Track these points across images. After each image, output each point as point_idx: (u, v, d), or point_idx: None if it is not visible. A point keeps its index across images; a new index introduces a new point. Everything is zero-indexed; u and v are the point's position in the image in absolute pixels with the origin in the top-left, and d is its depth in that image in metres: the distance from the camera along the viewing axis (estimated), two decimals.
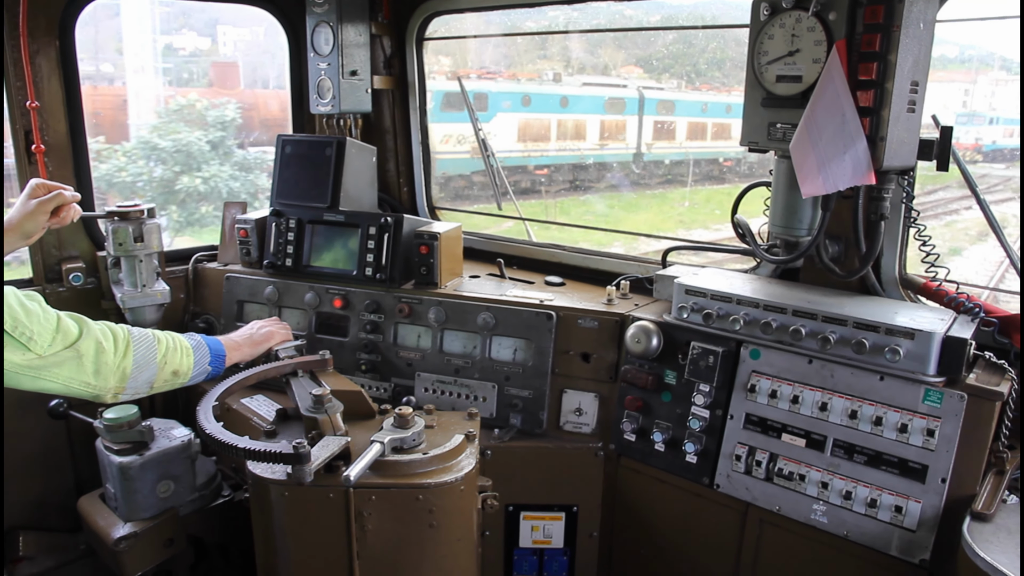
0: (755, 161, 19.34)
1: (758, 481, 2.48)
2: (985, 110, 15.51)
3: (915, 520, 2.18)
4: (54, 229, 2.76)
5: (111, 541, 2.63)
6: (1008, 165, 14.03)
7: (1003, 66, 15.49)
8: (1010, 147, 15.47)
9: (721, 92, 20.04)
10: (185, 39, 15.42)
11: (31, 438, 3.25)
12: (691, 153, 19.94)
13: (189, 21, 15.43)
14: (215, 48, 16.29)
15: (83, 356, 2.14)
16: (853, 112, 2.11)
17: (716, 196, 18.96)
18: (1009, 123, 15.75)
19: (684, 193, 18.91)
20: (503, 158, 14.13)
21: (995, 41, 13.94)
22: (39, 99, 3.08)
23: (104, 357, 2.19)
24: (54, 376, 2.09)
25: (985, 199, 2.46)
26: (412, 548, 2.25)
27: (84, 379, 2.16)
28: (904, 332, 2.21)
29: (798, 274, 2.79)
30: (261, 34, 15.41)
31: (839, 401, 2.34)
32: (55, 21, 3.09)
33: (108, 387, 2.24)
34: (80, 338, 2.14)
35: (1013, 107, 15.70)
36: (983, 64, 15.45)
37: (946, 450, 2.16)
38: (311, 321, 3.24)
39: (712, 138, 20.31)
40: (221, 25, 15.68)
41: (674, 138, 19.70)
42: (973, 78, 15.38)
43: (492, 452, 2.81)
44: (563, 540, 2.97)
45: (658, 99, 19.29)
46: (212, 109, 12.42)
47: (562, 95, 17.02)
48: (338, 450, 2.16)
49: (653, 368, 2.73)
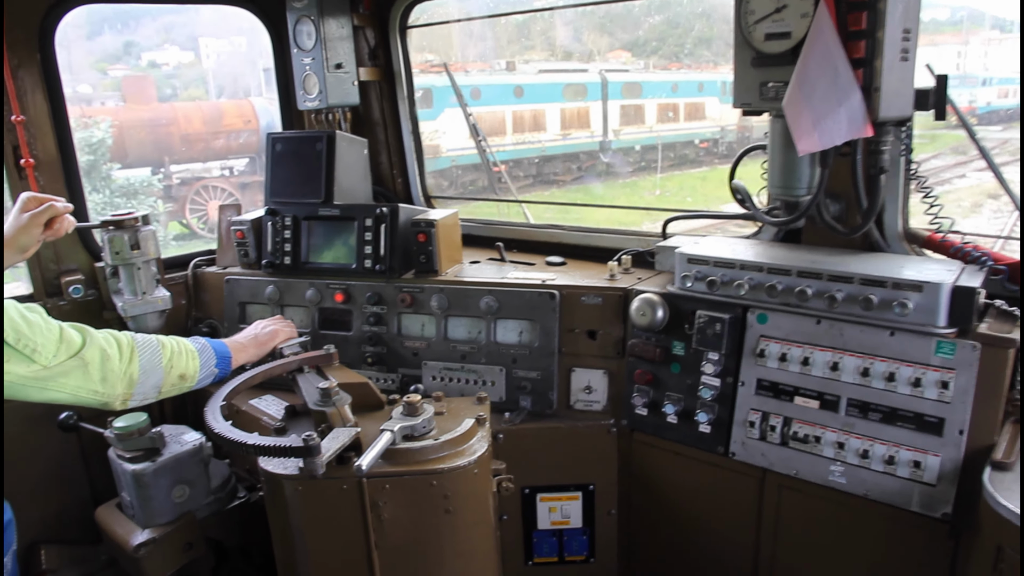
0: (734, 140, 18.73)
1: (773, 446, 2.46)
2: (979, 71, 15.12)
3: (935, 474, 2.16)
4: (50, 242, 2.75)
5: (130, 548, 2.64)
6: (1005, 126, 13.70)
7: (995, 24, 15.20)
8: (1006, 107, 15.00)
9: (693, 70, 19.14)
10: (167, 54, 15.35)
11: (44, 453, 3.25)
12: (663, 137, 18.94)
13: (171, 36, 15.37)
14: (197, 61, 16.24)
15: (89, 364, 2.15)
16: (846, 64, 2.07)
17: (689, 181, 17.93)
18: (1004, 83, 15.33)
19: (656, 180, 17.96)
20: (456, 156, 13.36)
21: None
22: (24, 113, 3.06)
23: (110, 364, 2.20)
24: (61, 386, 2.10)
25: (985, 146, 2.42)
26: (430, 535, 2.24)
27: (92, 387, 2.17)
28: (911, 285, 2.18)
29: (800, 236, 2.76)
30: (243, 44, 15.33)
31: (850, 360, 2.31)
32: (34, 34, 3.07)
33: (116, 393, 2.24)
34: (84, 347, 2.14)
35: (1006, 66, 15.38)
36: (974, 24, 15.14)
37: (962, 401, 2.13)
38: (314, 318, 3.23)
39: (685, 119, 19.36)
40: (203, 38, 15.61)
41: (644, 122, 18.66)
42: (965, 39, 15.02)
43: (504, 436, 2.80)
44: (581, 520, 2.96)
45: (623, 82, 18.23)
46: (82, 130, 11.77)
47: (516, 85, 16.12)
48: (348, 441, 2.15)
49: (660, 340, 2.71)
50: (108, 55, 14.50)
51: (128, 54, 15.13)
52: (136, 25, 15.14)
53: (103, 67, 13.86)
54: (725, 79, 19.08)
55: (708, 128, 19.64)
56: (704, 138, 19.68)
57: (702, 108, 19.51)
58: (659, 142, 18.61)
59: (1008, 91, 15.65)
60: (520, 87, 16.38)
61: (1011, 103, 15.34)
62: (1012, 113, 14.62)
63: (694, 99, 19.33)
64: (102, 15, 13.92)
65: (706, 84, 19.36)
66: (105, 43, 14.42)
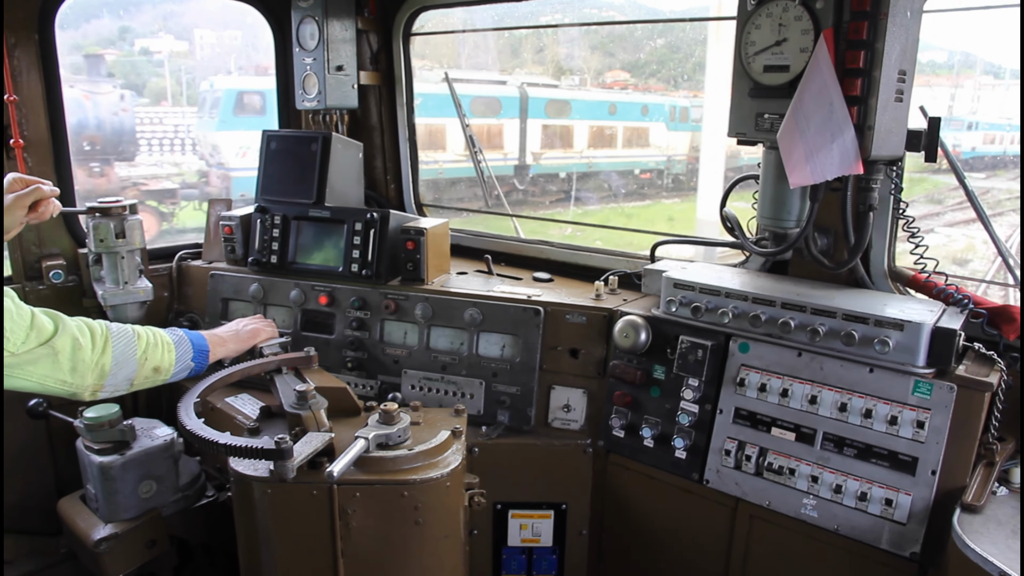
0: (683, 172, 17.12)
1: (748, 476, 2.46)
2: (965, 114, 14.64)
3: (905, 513, 2.16)
4: (33, 225, 2.71)
5: (91, 543, 2.58)
6: (988, 174, 13.53)
7: (987, 70, 15.23)
8: (991, 154, 14.61)
9: (638, 90, 17.12)
10: (161, 42, 15.15)
11: (10, 439, 3.18)
12: (596, 164, 16.83)
13: (167, 24, 15.22)
14: (191, 51, 16.08)
15: (59, 353, 2.09)
16: (841, 101, 2.09)
17: (614, 217, 15.56)
18: (992, 128, 14.85)
19: (577, 214, 15.53)
20: None
21: (978, 42, 13.79)
22: (18, 93, 3.03)
23: (81, 354, 2.15)
24: (28, 374, 2.05)
25: (973, 190, 2.45)
26: (397, 546, 2.21)
27: (60, 377, 2.12)
28: (893, 323, 2.20)
29: (787, 267, 2.78)
30: (239, 38, 15.20)
31: (829, 394, 2.32)
32: (34, 14, 3.05)
33: (86, 385, 2.19)
34: (55, 335, 2.09)
35: (996, 111, 15.31)
36: (966, 68, 15.12)
37: (936, 442, 2.14)
38: (296, 319, 3.20)
39: (625, 145, 17.15)
40: (198, 29, 15.44)
41: (572, 146, 16.36)
42: (956, 82, 14.68)
43: (479, 450, 2.78)
44: (552, 538, 2.94)
45: (547, 99, 15.87)
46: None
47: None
48: (321, 446, 2.13)
49: (642, 363, 2.70)
50: (102, 39, 14.34)
51: (122, 39, 14.98)
52: (136, 11, 15.02)
53: (94, 50, 13.70)
54: (675, 103, 17.38)
55: (652, 157, 17.76)
56: (646, 168, 17.68)
57: (645, 134, 17.53)
58: (589, 169, 16.60)
59: (995, 137, 15.19)
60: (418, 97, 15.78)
61: (997, 149, 14.99)
62: (997, 160, 14.46)
63: (636, 123, 17.29)
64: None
65: (651, 107, 17.58)
66: (102, 27, 14.27)
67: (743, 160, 18.17)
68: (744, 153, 18.92)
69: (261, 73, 13.66)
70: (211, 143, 13.87)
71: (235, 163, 13.00)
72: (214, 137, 13.67)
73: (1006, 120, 15.08)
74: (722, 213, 2.83)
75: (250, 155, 10.76)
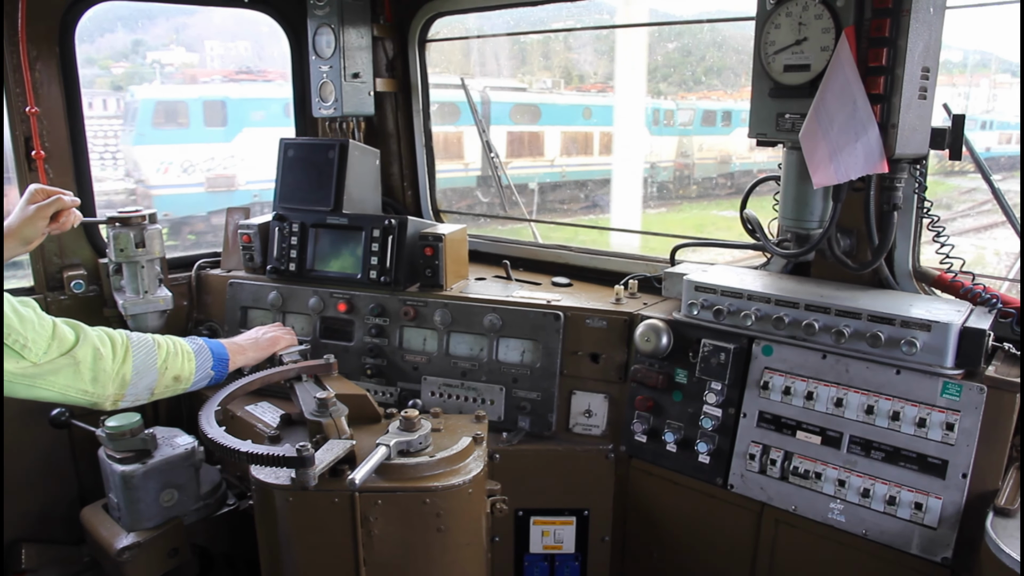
0: (669, 179, 16.51)
1: (773, 480, 2.42)
2: (979, 114, 14.17)
3: (936, 517, 2.12)
4: (55, 236, 2.74)
5: (114, 552, 2.59)
6: (1004, 175, 13.13)
7: (1004, 68, 14.86)
8: (1007, 154, 13.70)
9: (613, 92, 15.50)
10: (173, 55, 15.14)
11: (33, 449, 3.21)
12: (569, 173, 15.73)
13: (179, 37, 15.30)
14: (201, 62, 16.07)
15: (80, 363, 2.10)
16: (864, 99, 2.06)
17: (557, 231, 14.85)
18: (1005, 128, 14.18)
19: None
20: (251, 190, 11.30)
21: (994, 40, 13.51)
22: (39, 105, 3.06)
23: (102, 364, 2.15)
24: (50, 384, 2.05)
25: (999, 188, 2.40)
26: (419, 553, 2.20)
27: (81, 387, 2.12)
28: (920, 324, 2.16)
29: (809, 269, 2.74)
30: (246, 48, 15.14)
31: (855, 396, 2.28)
32: (55, 27, 3.08)
33: (107, 394, 2.20)
34: (77, 345, 2.10)
35: (1013, 110, 14.86)
36: (981, 67, 14.78)
37: (966, 444, 2.10)
38: (315, 326, 3.20)
39: (602, 152, 16.10)
40: (208, 40, 15.40)
41: (542, 154, 15.31)
42: (970, 81, 14.18)
43: (500, 456, 2.76)
44: (574, 545, 2.91)
45: (513, 103, 14.82)
46: None
47: None
48: (343, 453, 2.12)
49: (663, 367, 2.68)
50: (116, 52, 14.43)
51: (135, 52, 15.10)
52: (150, 24, 15.15)
53: (107, 64, 13.77)
54: (659, 106, 16.54)
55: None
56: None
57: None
58: (563, 178, 15.52)
59: (1011, 136, 14.29)
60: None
61: (1013, 150, 14.47)
62: (1013, 160, 13.88)
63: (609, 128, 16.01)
64: (118, 13, 13.85)
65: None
66: (116, 40, 14.40)
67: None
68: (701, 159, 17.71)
69: (189, 81, 12.81)
70: (132, 159, 12.72)
71: (156, 180, 11.87)
72: (132, 152, 12.56)
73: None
74: (743, 215, 2.80)
75: (172, 171, 10.02)
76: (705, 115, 17.72)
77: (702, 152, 17.90)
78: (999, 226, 8.27)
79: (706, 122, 17.73)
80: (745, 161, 16.59)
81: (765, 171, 2.78)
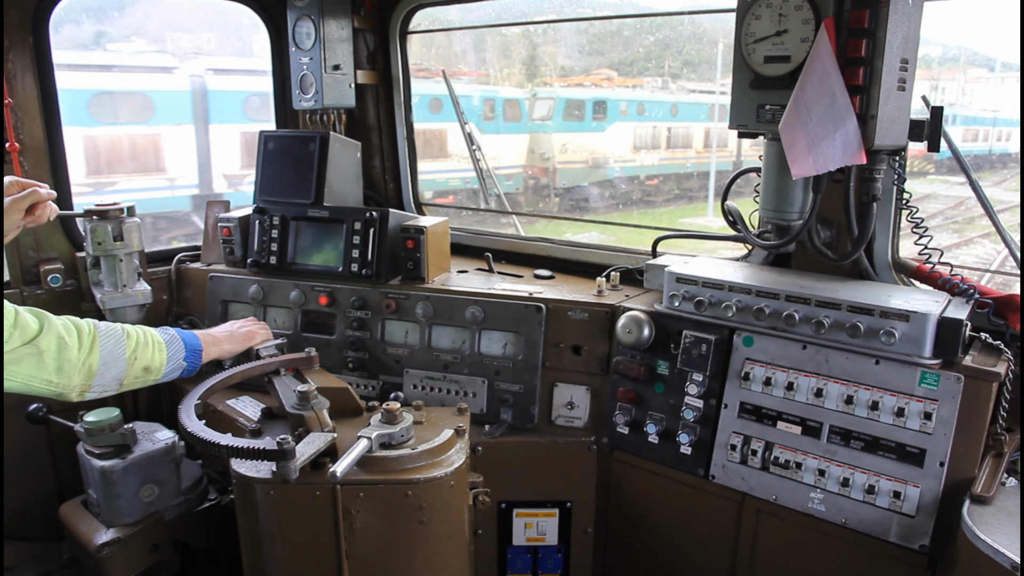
0: (599, 194, 15.93)
1: (754, 471, 2.44)
2: (949, 110, 13.96)
3: (914, 505, 2.15)
4: (31, 229, 2.68)
5: (94, 548, 2.56)
6: (977, 176, 12.66)
7: (974, 62, 14.52)
8: (972, 152, 13.20)
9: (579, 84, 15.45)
10: (134, 46, 14.76)
11: (10, 445, 3.16)
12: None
13: (141, 29, 14.87)
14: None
15: (44, 352, 2.04)
16: (843, 90, 2.07)
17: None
18: (968, 123, 13.68)
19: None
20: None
21: (967, 34, 13.35)
22: (12, 96, 3.01)
23: (67, 353, 2.10)
24: (12, 374, 1.99)
25: (977, 180, 2.43)
26: (402, 546, 2.19)
27: (45, 376, 2.06)
28: (899, 314, 2.18)
29: (790, 260, 2.76)
30: (211, 40, 14.76)
31: (834, 386, 2.30)
32: (28, 17, 3.03)
33: (72, 385, 2.14)
34: (40, 334, 2.04)
35: (982, 104, 14.56)
36: (952, 62, 14.55)
37: (944, 433, 2.12)
38: (296, 320, 3.18)
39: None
40: (171, 32, 14.98)
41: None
42: (938, 75, 14.07)
43: (483, 448, 2.76)
44: (557, 537, 2.92)
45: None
46: None
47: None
48: (324, 446, 2.11)
49: (645, 359, 2.69)
50: (77, 44, 14.12)
51: (97, 44, 14.76)
52: (118, 16, 14.76)
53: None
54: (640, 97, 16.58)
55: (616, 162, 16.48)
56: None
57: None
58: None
59: (978, 132, 14.13)
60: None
61: (979, 147, 13.77)
62: (980, 160, 13.05)
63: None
64: (89, 3, 13.51)
65: (610, 104, 16.31)
66: (80, 32, 14.05)
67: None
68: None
69: None
70: None
71: None
72: None
73: (991, 113, 14.19)
74: (724, 207, 2.81)
75: None
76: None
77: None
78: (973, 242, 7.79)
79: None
80: None
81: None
